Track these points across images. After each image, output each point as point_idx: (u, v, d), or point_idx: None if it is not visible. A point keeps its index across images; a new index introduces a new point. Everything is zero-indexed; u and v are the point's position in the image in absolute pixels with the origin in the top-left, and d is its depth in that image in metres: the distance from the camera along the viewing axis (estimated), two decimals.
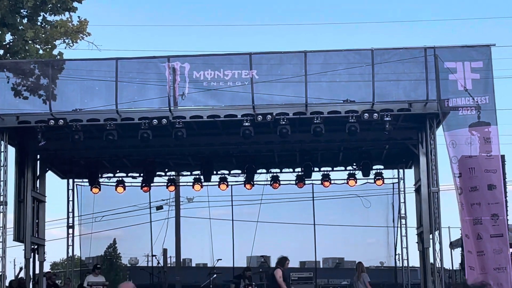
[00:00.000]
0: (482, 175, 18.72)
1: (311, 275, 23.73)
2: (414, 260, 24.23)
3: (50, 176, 24.11)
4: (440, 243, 18.77)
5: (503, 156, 19.38)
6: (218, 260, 24.60)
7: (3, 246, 18.91)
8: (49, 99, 18.94)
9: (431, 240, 19.20)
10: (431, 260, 19.40)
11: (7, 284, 22.86)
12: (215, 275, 23.44)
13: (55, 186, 28.12)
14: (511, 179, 21.67)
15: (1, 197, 19.03)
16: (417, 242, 21.78)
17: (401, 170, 25.20)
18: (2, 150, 19.25)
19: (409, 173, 24.14)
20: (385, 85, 18.82)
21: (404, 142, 21.08)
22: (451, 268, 26.77)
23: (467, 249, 18.67)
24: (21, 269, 23.88)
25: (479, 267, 18.37)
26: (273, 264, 31.43)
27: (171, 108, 18.70)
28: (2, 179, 19.13)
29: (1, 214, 18.97)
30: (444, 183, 18.65)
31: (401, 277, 25.04)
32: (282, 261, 20.01)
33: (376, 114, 18.27)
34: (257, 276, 23.97)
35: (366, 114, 18.29)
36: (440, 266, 18.92)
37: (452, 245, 24.27)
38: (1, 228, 18.94)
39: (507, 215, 19.10)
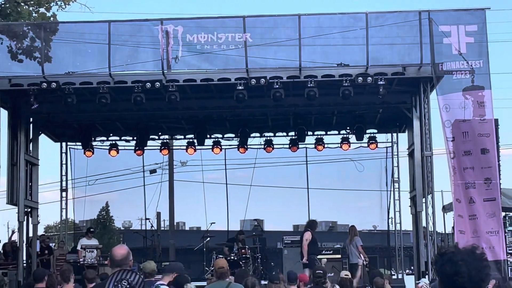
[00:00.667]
0: (475, 139, 18.87)
1: None
2: (407, 224, 24.46)
3: (43, 139, 24.23)
4: (433, 206, 19.00)
5: (496, 120, 19.50)
6: (211, 223, 24.84)
7: None
8: (42, 62, 18.93)
9: (423, 204, 19.40)
10: (424, 224, 19.62)
11: (0, 247, 23.09)
12: (208, 238, 23.68)
13: (48, 150, 28.15)
14: (504, 143, 21.88)
15: None
16: (410, 206, 21.95)
17: (394, 134, 25.29)
18: None
19: (403, 137, 24.30)
20: (379, 48, 18.90)
21: (398, 106, 21.16)
22: (443, 232, 26.99)
23: (458, 213, 18.86)
24: (13, 232, 24.01)
25: (470, 231, 18.60)
26: (266, 227, 31.79)
27: (165, 71, 18.73)
28: None
29: None
30: (437, 147, 18.78)
31: (394, 241, 25.28)
32: (314, 224, 20.33)
33: (370, 78, 18.34)
34: (250, 239, 24.20)
35: (360, 78, 18.36)
36: (432, 229, 19.15)
37: (445, 209, 24.47)
38: None
39: (500, 179, 19.27)
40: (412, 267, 26.98)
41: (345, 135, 24.75)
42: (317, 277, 12.27)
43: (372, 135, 24.68)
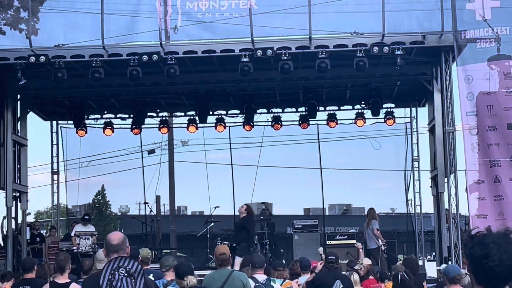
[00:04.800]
0: (501, 113, 18.75)
1: (316, 223, 23.92)
2: (428, 206, 24.46)
3: (32, 118, 24.25)
4: (456, 187, 18.94)
5: None
6: (215, 207, 24.82)
7: None
8: (29, 34, 18.88)
9: (446, 184, 19.38)
10: (446, 206, 19.61)
11: None
12: (212, 224, 23.70)
13: (37, 129, 28.24)
14: None
15: None
16: (430, 187, 21.95)
17: (413, 109, 25.25)
18: None
19: (423, 112, 24.25)
20: (397, 15, 18.78)
21: (417, 78, 21.11)
22: (467, 214, 26.99)
23: (480, 196, 18.70)
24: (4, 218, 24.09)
25: (496, 213, 18.53)
26: (275, 211, 31.83)
27: (162, 42, 18.67)
28: None
29: None
30: (460, 122, 18.66)
31: (414, 224, 25.28)
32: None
33: (386, 48, 18.25)
34: (258, 224, 24.21)
35: (376, 48, 18.27)
36: (455, 212, 19.13)
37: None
38: None
39: None
40: (433, 253, 27.02)
41: (359, 110, 24.70)
42: (330, 262, 12.30)
43: (389, 110, 24.62)
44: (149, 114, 25.17)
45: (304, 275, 13.61)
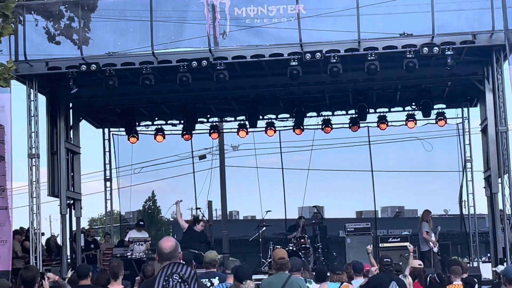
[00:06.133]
0: None
1: (368, 226, 23.87)
2: (482, 207, 24.25)
3: (84, 125, 24.55)
4: (510, 187, 18.76)
5: None
6: (267, 212, 24.89)
7: (37, 202, 19.32)
8: (81, 43, 19.13)
9: (499, 185, 19.21)
10: (500, 206, 19.43)
11: (43, 242, 23.47)
12: (264, 228, 23.75)
13: (90, 137, 28.57)
14: None
15: (33, 149, 19.41)
16: (484, 187, 21.78)
17: (465, 109, 25.06)
18: (32, 99, 19.60)
19: (475, 112, 24.07)
20: (446, 15, 18.68)
21: (468, 78, 20.98)
22: None
23: None
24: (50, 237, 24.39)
25: None
26: (327, 214, 31.77)
27: (212, 48, 18.79)
28: (33, 130, 19.49)
29: (34, 167, 19.35)
30: None
31: (468, 226, 25.06)
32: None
33: (436, 48, 18.17)
34: (310, 228, 24.21)
35: (426, 48, 18.21)
36: (510, 212, 18.94)
37: None
38: (34, 183, 19.34)
39: None
40: (488, 254, 26.75)
41: (410, 112, 24.59)
42: (385, 265, 12.27)
43: (440, 110, 24.49)
44: (199, 119, 25.35)
45: (357, 278, 13.60)
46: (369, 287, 12.30)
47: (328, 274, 13.01)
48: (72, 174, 22.30)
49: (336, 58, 18.52)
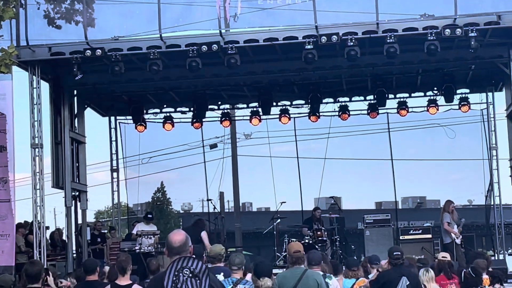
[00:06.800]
0: None
1: (388, 217, 23.77)
2: (508, 197, 24.13)
3: (90, 114, 24.51)
4: None
5: None
6: (281, 203, 24.79)
7: (40, 194, 19.31)
8: (85, 27, 19.05)
9: None
10: None
11: (47, 236, 23.52)
12: (278, 220, 23.70)
13: (95, 125, 28.55)
14: None
15: (36, 139, 19.36)
16: (510, 176, 21.66)
17: (490, 94, 24.93)
18: (34, 86, 19.54)
19: (500, 97, 23.92)
20: None
21: (492, 61, 20.81)
22: None
23: None
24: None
25: None
26: (344, 206, 31.71)
27: (222, 31, 18.72)
28: (36, 119, 19.43)
29: (37, 158, 19.33)
30: None
31: (493, 217, 24.95)
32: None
33: (459, 30, 18.02)
34: (327, 220, 24.16)
35: (448, 30, 18.06)
36: None
37: None
38: (38, 174, 19.31)
39: None
40: None
41: (432, 97, 24.52)
42: (395, 258, 12.12)
43: (463, 95, 24.38)
44: (210, 107, 25.27)
45: (373, 272, 13.57)
46: (378, 284, 12.14)
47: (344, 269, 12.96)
48: (77, 164, 22.26)
49: (353, 41, 18.40)
